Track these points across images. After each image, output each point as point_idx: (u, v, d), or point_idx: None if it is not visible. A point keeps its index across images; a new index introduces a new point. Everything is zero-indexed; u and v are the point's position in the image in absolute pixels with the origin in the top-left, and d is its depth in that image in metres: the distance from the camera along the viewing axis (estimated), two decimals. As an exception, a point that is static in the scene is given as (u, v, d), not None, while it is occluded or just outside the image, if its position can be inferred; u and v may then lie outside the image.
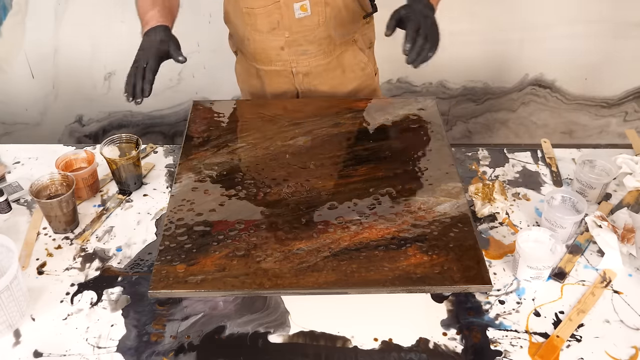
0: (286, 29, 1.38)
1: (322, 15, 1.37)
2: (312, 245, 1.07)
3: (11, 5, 2.11)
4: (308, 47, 1.41)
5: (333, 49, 1.44)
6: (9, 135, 2.43)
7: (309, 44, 1.41)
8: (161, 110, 2.43)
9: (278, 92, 1.51)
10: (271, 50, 1.42)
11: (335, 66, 1.48)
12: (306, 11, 1.35)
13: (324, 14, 1.37)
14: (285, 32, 1.38)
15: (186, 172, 1.24)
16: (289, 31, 1.38)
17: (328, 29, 1.40)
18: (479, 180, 1.37)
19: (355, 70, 1.51)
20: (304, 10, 1.34)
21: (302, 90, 1.51)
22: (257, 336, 1.04)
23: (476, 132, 2.59)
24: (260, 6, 1.35)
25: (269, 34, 1.39)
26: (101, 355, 1.01)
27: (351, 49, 1.48)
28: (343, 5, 1.38)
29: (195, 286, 1.01)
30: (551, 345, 1.02)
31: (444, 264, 1.04)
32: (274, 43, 1.40)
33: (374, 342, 1.03)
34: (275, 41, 1.40)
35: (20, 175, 1.39)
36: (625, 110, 2.53)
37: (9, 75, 2.28)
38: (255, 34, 1.40)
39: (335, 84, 1.50)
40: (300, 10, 1.34)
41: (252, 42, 1.42)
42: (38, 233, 1.24)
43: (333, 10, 1.37)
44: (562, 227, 1.19)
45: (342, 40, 1.45)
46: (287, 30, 1.38)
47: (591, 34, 2.29)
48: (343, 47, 1.46)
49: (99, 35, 2.20)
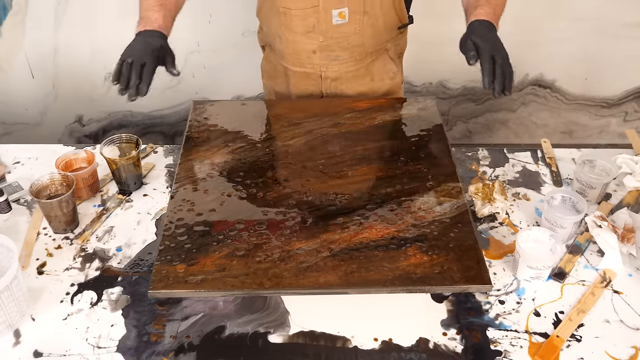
0: (321, 34, 1.37)
1: (359, 24, 1.36)
2: (312, 245, 1.07)
3: (11, 5, 2.11)
4: (340, 54, 1.41)
5: (364, 57, 1.44)
6: (9, 135, 2.43)
7: (341, 50, 1.40)
8: (161, 110, 2.43)
9: (304, 94, 1.51)
10: (303, 52, 1.42)
11: (365, 73, 1.47)
12: (344, 18, 1.34)
13: (361, 22, 1.36)
14: (320, 37, 1.38)
15: (186, 172, 1.24)
16: (323, 36, 1.38)
17: (363, 37, 1.39)
18: (479, 180, 1.37)
19: (384, 78, 1.51)
20: (342, 17, 1.34)
21: (328, 94, 1.50)
22: (257, 336, 1.04)
23: (476, 132, 2.59)
24: (298, 8, 1.35)
25: (303, 36, 1.39)
26: (101, 355, 1.01)
27: (382, 57, 1.48)
28: (381, 15, 1.38)
29: (195, 286, 1.01)
30: (551, 345, 1.02)
31: (444, 264, 1.04)
32: (307, 46, 1.40)
33: (374, 342, 1.03)
34: (308, 44, 1.40)
35: (20, 175, 1.39)
36: (625, 110, 2.53)
37: (9, 75, 2.28)
38: (289, 35, 1.40)
39: (362, 90, 1.50)
40: (338, 17, 1.34)
41: (284, 42, 1.42)
42: (38, 233, 1.24)
43: (370, 19, 1.37)
44: (562, 227, 1.19)
45: (374, 48, 1.44)
46: (321, 35, 1.37)
47: (591, 34, 2.29)
48: (374, 55, 1.46)
49: (99, 35, 2.20)
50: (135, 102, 1.16)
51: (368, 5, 1.35)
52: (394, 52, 1.50)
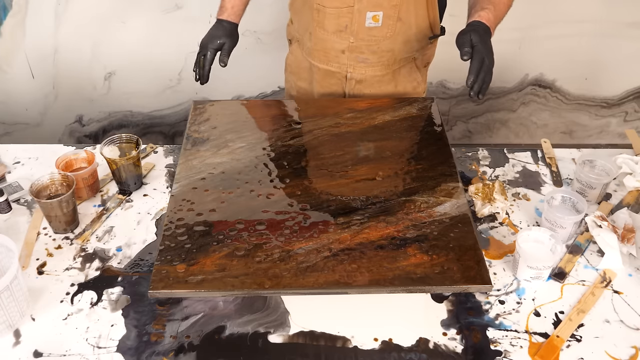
0: (352, 34, 1.38)
1: (391, 29, 1.37)
2: (312, 245, 1.07)
3: (11, 5, 2.11)
4: (369, 56, 1.41)
5: (392, 63, 1.44)
6: (9, 135, 2.43)
7: (371, 53, 1.41)
8: (161, 110, 2.43)
9: (326, 92, 1.51)
10: (332, 50, 1.42)
11: (390, 79, 1.48)
12: (377, 22, 1.35)
13: (394, 28, 1.36)
14: (351, 37, 1.38)
15: (186, 172, 1.24)
16: (354, 37, 1.38)
17: (394, 43, 1.39)
18: (479, 180, 1.37)
19: (407, 87, 1.51)
20: (375, 20, 1.34)
21: (350, 95, 1.50)
22: (257, 336, 1.04)
23: (476, 132, 2.59)
24: (332, 6, 1.35)
25: (334, 34, 1.39)
26: (101, 355, 1.01)
27: (409, 65, 1.48)
28: (415, 24, 1.38)
29: (195, 286, 1.01)
30: (551, 345, 1.02)
31: (444, 264, 1.04)
32: (337, 45, 1.40)
33: (374, 342, 1.03)
34: (338, 43, 1.40)
35: (20, 175, 1.39)
36: (625, 110, 2.53)
37: (9, 75, 2.28)
38: (320, 32, 1.40)
39: (382, 95, 1.50)
40: (372, 19, 1.34)
41: (314, 38, 1.42)
42: (38, 233, 1.24)
43: (403, 26, 1.37)
44: (562, 227, 1.19)
45: (403, 56, 1.44)
46: (352, 36, 1.38)
47: (591, 34, 2.29)
48: (402, 63, 1.46)
49: (99, 35, 2.20)
50: (136, 102, 1.18)
51: (403, 12, 1.35)
52: (421, 61, 1.50)
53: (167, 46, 2.24)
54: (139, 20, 2.17)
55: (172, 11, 2.15)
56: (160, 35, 2.20)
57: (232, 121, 1.41)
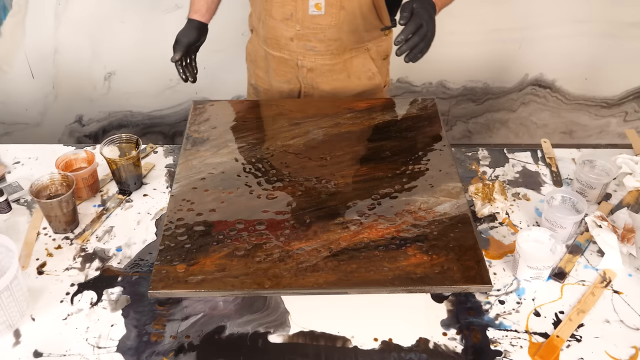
0: (298, 22, 1.39)
1: (335, 18, 1.37)
2: (312, 245, 1.07)
3: (11, 5, 2.11)
4: (316, 45, 1.42)
5: (342, 52, 1.45)
6: (9, 135, 2.43)
7: (317, 41, 1.42)
8: (161, 110, 2.43)
9: (282, 80, 1.53)
10: (281, 38, 1.44)
11: (341, 69, 1.48)
12: (320, 10, 1.36)
13: (337, 16, 1.37)
14: (297, 25, 1.40)
15: (186, 172, 1.24)
16: (300, 25, 1.39)
17: (340, 32, 1.40)
18: (479, 180, 1.37)
19: (361, 77, 1.50)
20: (318, 8, 1.35)
21: (305, 84, 1.51)
22: (257, 336, 1.04)
23: (476, 132, 2.59)
24: None
25: (281, 22, 1.41)
26: (101, 355, 1.01)
27: (362, 56, 1.48)
28: (359, 13, 1.38)
29: (195, 286, 1.01)
30: (551, 345, 1.02)
31: (444, 264, 1.04)
32: (285, 33, 1.42)
33: (374, 342, 1.03)
34: (286, 31, 1.42)
35: (20, 175, 1.39)
36: (625, 110, 2.53)
37: (9, 75, 2.28)
38: (269, 20, 1.42)
39: (338, 85, 1.50)
40: (314, 7, 1.35)
41: (266, 27, 1.45)
42: (38, 233, 1.24)
43: (348, 15, 1.37)
44: (562, 227, 1.19)
45: (353, 46, 1.45)
46: (298, 24, 1.39)
47: (591, 33, 2.29)
48: (353, 53, 1.46)
49: (99, 35, 2.20)
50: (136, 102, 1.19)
51: (346, 0, 1.36)
52: (375, 52, 1.50)
53: (167, 46, 2.23)
54: (139, 20, 2.17)
55: (172, 11, 2.15)
56: (160, 35, 2.20)
57: (232, 121, 1.41)
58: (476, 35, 2.28)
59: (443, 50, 2.31)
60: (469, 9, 2.21)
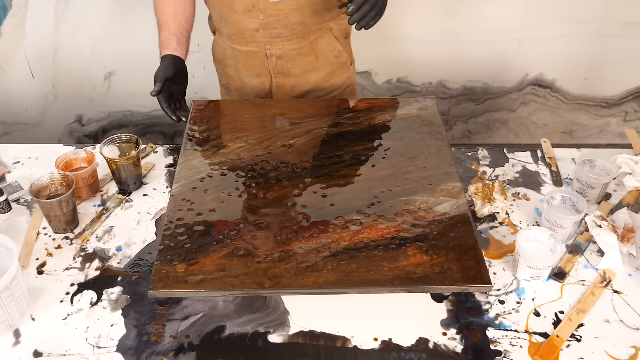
0: (261, 12, 1.40)
1: (296, 2, 1.39)
2: (312, 245, 1.07)
3: (11, 5, 2.11)
4: (282, 31, 1.44)
5: (307, 35, 1.47)
6: (9, 135, 2.43)
7: (282, 28, 1.43)
8: (161, 110, 2.43)
9: (252, 74, 1.53)
10: (247, 31, 1.44)
11: (309, 52, 1.50)
12: None
13: (298, 0, 1.38)
14: (260, 15, 1.40)
15: (186, 172, 1.24)
16: (263, 14, 1.40)
17: (302, 15, 1.42)
18: (479, 180, 1.37)
19: (328, 57, 1.53)
20: None
21: (276, 73, 1.52)
22: (257, 336, 1.04)
23: (476, 132, 2.59)
24: None
25: (244, 15, 1.41)
26: (101, 355, 1.01)
27: (326, 36, 1.50)
28: None
29: (195, 286, 1.01)
30: (551, 345, 1.02)
31: (444, 264, 1.04)
32: (250, 25, 1.43)
33: (374, 342, 1.03)
34: (250, 23, 1.42)
35: (20, 175, 1.39)
36: (625, 110, 2.53)
37: (9, 75, 2.28)
38: (232, 15, 1.42)
39: (308, 68, 1.53)
40: None
41: (229, 23, 1.45)
42: (38, 233, 1.24)
43: None
44: (562, 227, 1.19)
45: (316, 27, 1.47)
46: (261, 13, 1.40)
47: (591, 33, 2.29)
48: (318, 34, 1.49)
49: (99, 35, 2.20)
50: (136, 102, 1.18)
51: None
52: (338, 31, 1.52)
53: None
54: (139, 20, 2.17)
55: (172, 11, 2.15)
56: (160, 35, 2.20)
57: (232, 121, 1.41)
58: (476, 35, 2.28)
59: (443, 50, 2.31)
60: (469, 9, 2.21)
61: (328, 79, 1.56)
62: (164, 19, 1.43)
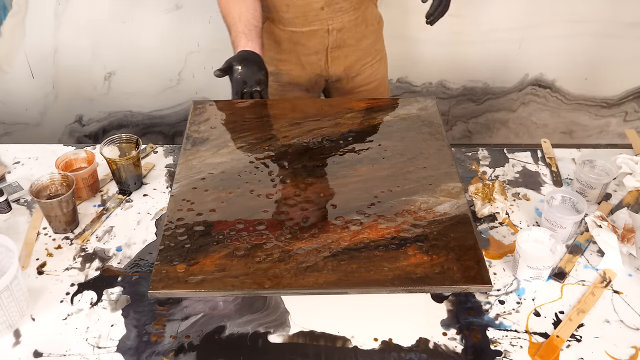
0: None
1: None
2: (312, 245, 1.07)
3: (11, 5, 2.11)
4: (343, 4, 1.54)
5: (360, 4, 1.58)
6: (9, 135, 2.43)
7: (343, 1, 1.53)
8: (161, 110, 2.43)
9: (310, 52, 1.61)
10: (311, 11, 1.53)
11: (361, 21, 1.61)
12: None
13: None
14: None
15: (186, 172, 1.24)
16: None
17: None
18: (479, 180, 1.37)
19: (373, 23, 1.65)
20: None
21: (333, 47, 1.61)
22: (257, 336, 1.04)
23: (476, 132, 2.59)
24: None
25: None
26: (101, 355, 1.01)
27: (370, 4, 1.63)
28: None
29: (195, 286, 1.01)
30: (551, 345, 1.02)
31: (444, 264, 1.04)
32: (315, 5, 1.52)
33: (374, 342, 1.03)
34: (316, 3, 1.52)
35: (20, 175, 1.39)
36: (625, 110, 2.53)
37: (9, 75, 2.28)
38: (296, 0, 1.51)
39: (359, 37, 1.63)
40: None
41: (293, 7, 1.53)
42: (38, 233, 1.24)
43: None
44: (562, 227, 1.19)
45: None
46: None
47: (591, 33, 2.29)
48: (366, 3, 1.61)
49: (99, 35, 2.20)
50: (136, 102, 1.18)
51: None
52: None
53: (167, 46, 2.24)
54: (139, 20, 2.17)
55: (172, 11, 2.15)
56: (160, 35, 2.20)
57: (232, 121, 1.41)
58: (476, 35, 2.28)
59: (443, 50, 2.31)
60: (468, 9, 2.21)
61: (373, 44, 1.67)
62: (230, 21, 1.49)
